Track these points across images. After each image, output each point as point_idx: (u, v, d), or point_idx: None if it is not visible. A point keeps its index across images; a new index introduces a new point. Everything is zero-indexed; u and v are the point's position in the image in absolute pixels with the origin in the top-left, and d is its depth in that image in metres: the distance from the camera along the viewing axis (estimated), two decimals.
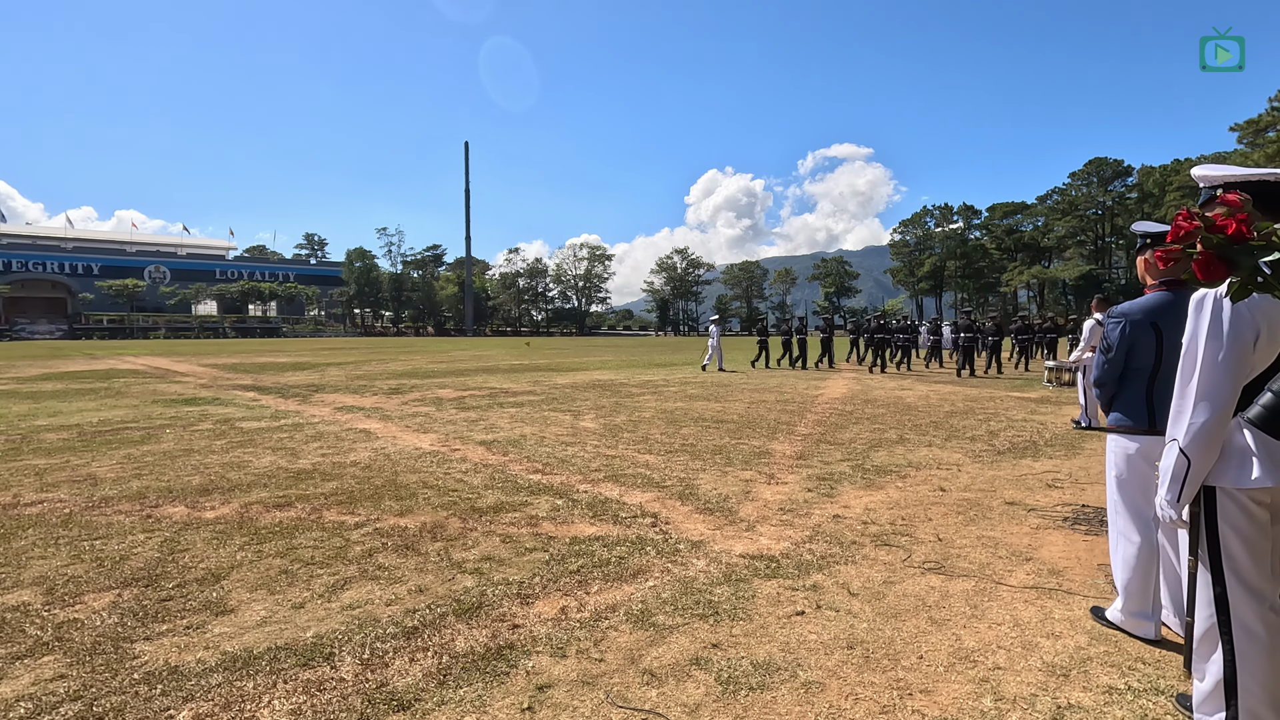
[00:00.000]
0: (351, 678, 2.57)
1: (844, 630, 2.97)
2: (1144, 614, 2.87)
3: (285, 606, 3.23)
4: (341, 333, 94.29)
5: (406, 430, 8.51)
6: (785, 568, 3.72)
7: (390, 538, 4.23)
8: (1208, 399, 1.83)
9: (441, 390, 13.64)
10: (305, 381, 15.86)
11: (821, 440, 7.74)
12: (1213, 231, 1.15)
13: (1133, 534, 2.90)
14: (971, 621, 3.06)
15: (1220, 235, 1.14)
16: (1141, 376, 2.88)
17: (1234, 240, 1.13)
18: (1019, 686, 2.51)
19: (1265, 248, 1.13)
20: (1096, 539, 4.21)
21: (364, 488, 5.52)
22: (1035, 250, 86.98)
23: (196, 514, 4.78)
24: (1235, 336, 1.81)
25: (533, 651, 2.78)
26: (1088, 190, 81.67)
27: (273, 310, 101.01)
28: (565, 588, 3.45)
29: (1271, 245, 1.12)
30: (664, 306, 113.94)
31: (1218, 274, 1.15)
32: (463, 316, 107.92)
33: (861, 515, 4.75)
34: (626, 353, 33.04)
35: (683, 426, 8.73)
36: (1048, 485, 5.66)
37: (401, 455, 6.88)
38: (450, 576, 3.60)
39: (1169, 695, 2.43)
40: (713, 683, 2.54)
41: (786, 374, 18.02)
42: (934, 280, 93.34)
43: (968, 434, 8.16)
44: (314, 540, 4.19)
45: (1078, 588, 3.46)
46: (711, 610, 3.17)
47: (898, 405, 11.02)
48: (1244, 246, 1.13)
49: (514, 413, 10.14)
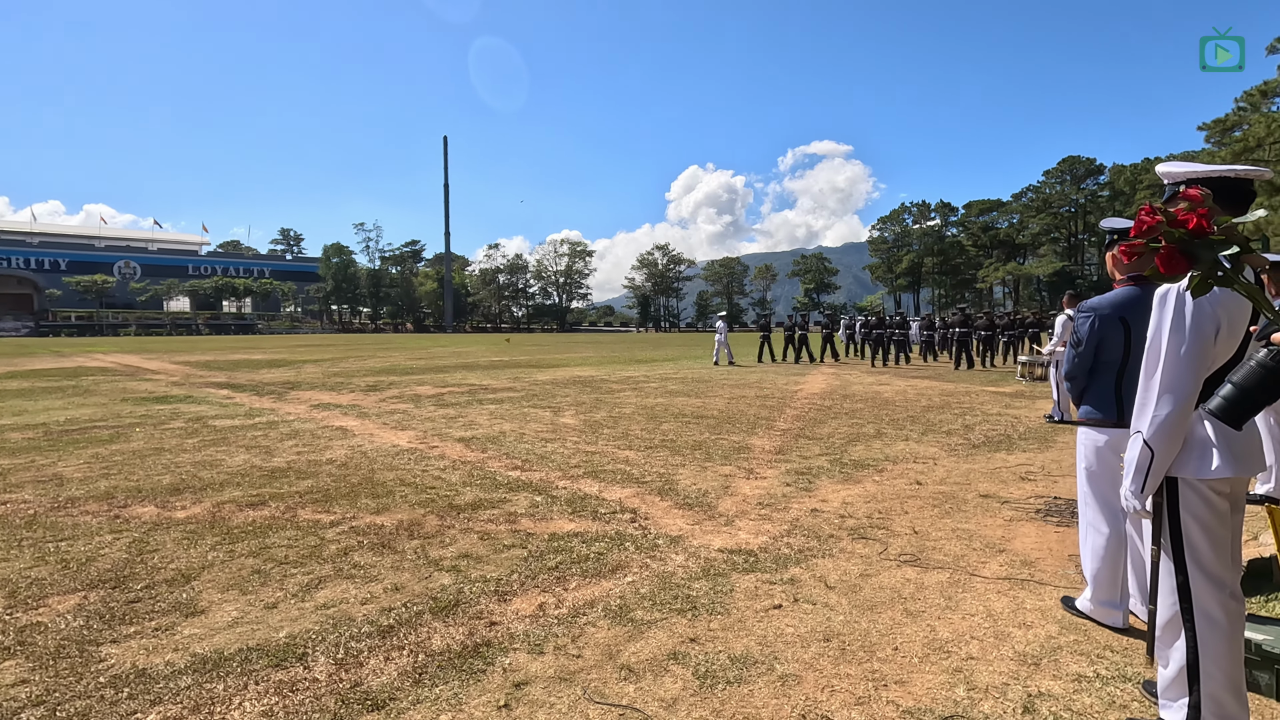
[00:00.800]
0: (325, 678, 2.54)
1: (821, 623, 2.99)
2: (1112, 603, 2.93)
3: (258, 607, 3.18)
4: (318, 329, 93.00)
5: (384, 427, 8.42)
6: (763, 562, 3.74)
7: (366, 536, 4.19)
8: (1171, 391, 1.87)
9: (420, 387, 13.52)
10: (281, 379, 15.63)
11: (800, 435, 7.79)
12: (1174, 226, 1.17)
13: (1101, 525, 2.95)
14: (946, 613, 3.10)
15: (1182, 230, 1.16)
16: (1110, 370, 2.93)
17: (1195, 235, 1.15)
18: (991, 676, 2.54)
19: (1224, 242, 1.15)
20: (1068, 530, 4.29)
21: (340, 486, 5.45)
22: (1010, 247, 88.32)
23: (167, 514, 4.69)
24: (1197, 330, 1.84)
25: (510, 649, 2.77)
26: (1061, 188, 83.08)
27: (248, 307, 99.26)
28: (543, 584, 3.44)
29: (1231, 239, 1.14)
30: (645, 303, 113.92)
31: (1179, 268, 1.17)
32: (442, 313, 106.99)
33: (839, 509, 4.79)
34: (607, 349, 32.99)
35: (663, 422, 8.74)
36: (1021, 478, 5.75)
37: (378, 453, 6.81)
38: (427, 574, 3.57)
39: (1136, 682, 2.48)
40: (690, 677, 2.55)
41: (768, 369, 18.13)
42: (912, 277, 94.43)
43: (944, 428, 8.27)
44: (288, 539, 4.13)
45: (1049, 578, 3.52)
46: (689, 605, 3.18)
47: (876, 400, 11.13)
48: (1204, 241, 1.15)
49: (493, 409, 10.08)
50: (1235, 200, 1.88)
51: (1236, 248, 1.12)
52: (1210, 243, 1.15)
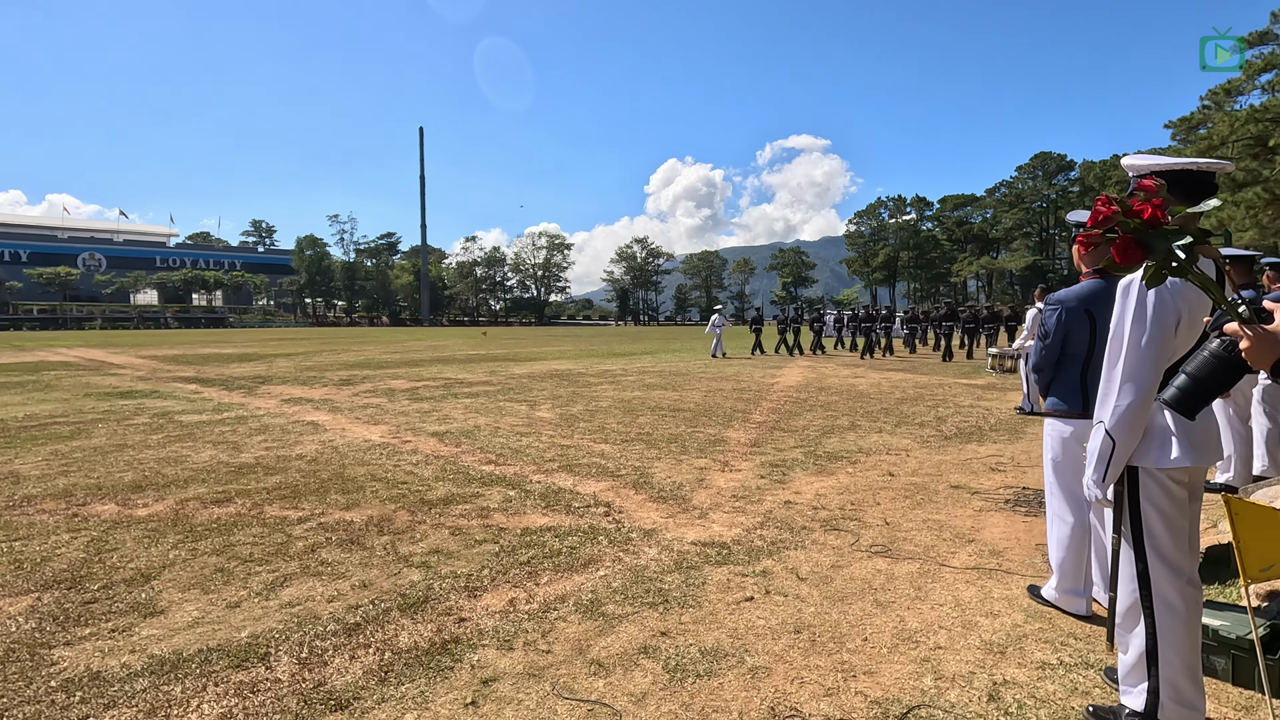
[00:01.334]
0: (288, 678, 2.48)
1: (792, 615, 3.00)
2: (1076, 591, 2.97)
3: (219, 606, 3.11)
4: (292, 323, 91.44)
5: (356, 422, 8.30)
6: (736, 554, 3.75)
7: (335, 532, 4.11)
8: (1132, 381, 1.88)
9: (394, 381, 13.35)
10: (251, 373, 15.34)
11: (776, 428, 7.83)
12: (1129, 216, 1.17)
13: (1067, 514, 3.00)
14: (915, 603, 3.13)
15: (1137, 220, 1.16)
16: (1076, 362, 2.97)
17: (1150, 225, 1.15)
18: (958, 665, 2.57)
19: (1178, 232, 1.15)
20: (1035, 520, 4.35)
21: (309, 481, 5.35)
22: (984, 241, 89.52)
23: (127, 512, 4.56)
24: (1158, 321, 1.86)
25: (479, 645, 2.73)
26: (1033, 184, 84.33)
27: (218, 300, 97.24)
28: (515, 579, 3.40)
29: (1185, 230, 1.14)
30: (624, 296, 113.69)
31: (1134, 258, 1.17)
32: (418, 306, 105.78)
33: (812, 501, 4.82)
34: (585, 342, 32.89)
35: (639, 415, 8.72)
36: (991, 469, 5.83)
37: (350, 448, 6.70)
38: (396, 571, 3.52)
39: (1098, 669, 2.52)
40: (660, 671, 2.53)
41: (745, 363, 18.20)
42: (888, 270, 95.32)
43: (917, 420, 8.36)
44: (253, 536, 4.04)
45: (1016, 567, 3.57)
46: (661, 598, 3.17)
47: (851, 393, 11.22)
48: (1159, 231, 1.15)
49: (469, 403, 9.98)
50: (1199, 193, 1.90)
51: (1190, 238, 1.12)
52: (1165, 233, 1.15)
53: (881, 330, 21.85)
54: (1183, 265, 1.14)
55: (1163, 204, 1.16)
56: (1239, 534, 1.73)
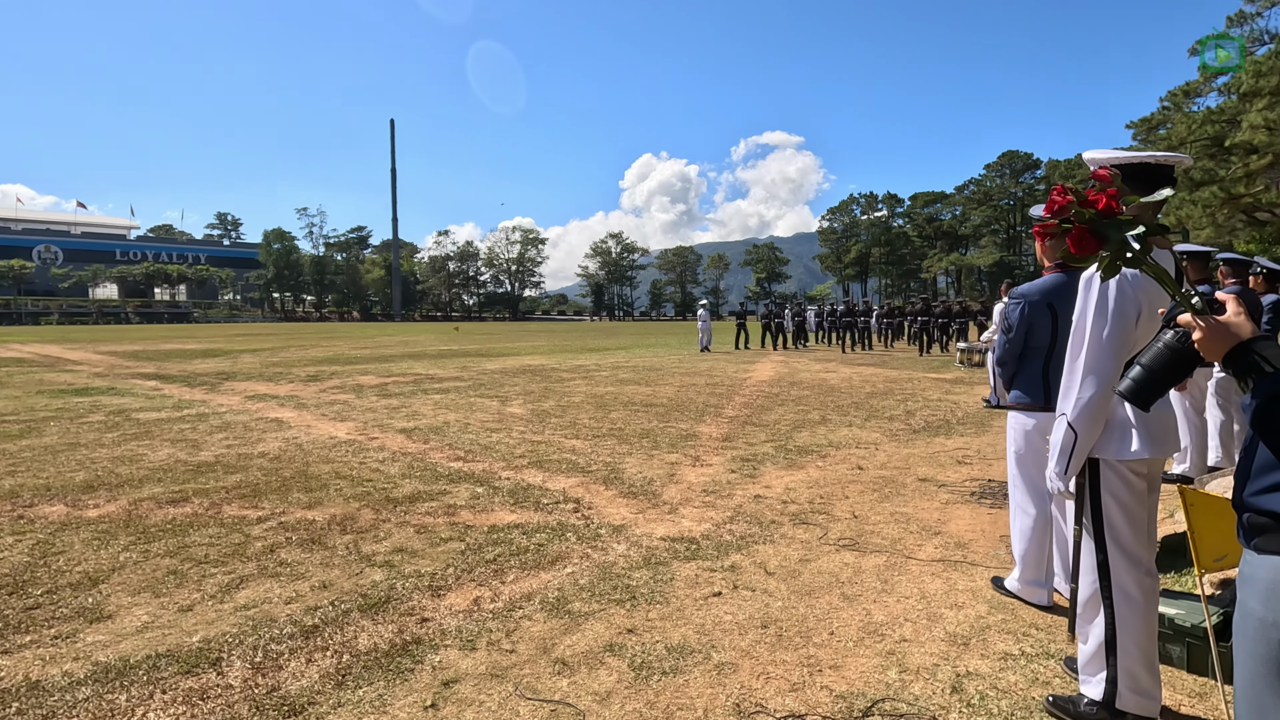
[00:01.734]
0: (240, 683, 2.40)
1: (759, 610, 2.99)
2: (1038, 582, 3.00)
3: (171, 610, 3.00)
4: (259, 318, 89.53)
5: (322, 419, 8.13)
6: (705, 549, 3.73)
7: (295, 532, 4.01)
8: (1094, 374, 1.89)
9: (363, 377, 13.12)
10: (215, 369, 14.96)
11: (748, 422, 7.84)
12: (1084, 206, 1.16)
13: (1029, 506, 3.03)
14: (881, 596, 3.14)
15: (1091, 210, 1.15)
16: (1039, 355, 2.99)
17: (1104, 215, 1.14)
18: (923, 657, 2.58)
19: (1132, 222, 1.14)
20: (1000, 512, 4.41)
21: (271, 480, 5.22)
22: (953, 238, 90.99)
23: (77, 513, 4.39)
24: (1119, 314, 1.87)
25: (441, 645, 2.67)
26: (1001, 181, 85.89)
27: (182, 294, 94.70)
28: (480, 578, 3.34)
29: (1139, 220, 1.14)
30: (599, 291, 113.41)
31: (1089, 248, 1.17)
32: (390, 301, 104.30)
33: (782, 495, 4.82)
34: (560, 338, 32.73)
35: (612, 411, 8.68)
36: (958, 461, 5.90)
37: (315, 445, 6.55)
38: (358, 570, 3.43)
39: (1058, 659, 2.54)
40: (625, 669, 2.50)
41: (719, 357, 18.25)
42: (860, 266, 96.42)
43: (886, 414, 8.44)
44: (209, 537, 3.91)
45: (981, 559, 3.60)
46: (629, 595, 3.14)
47: (822, 387, 11.30)
48: (1113, 221, 1.14)
49: (439, 399, 9.84)
50: (1158, 187, 1.91)
51: (1144, 228, 1.12)
52: (1119, 223, 1.14)
53: (862, 325, 22.39)
54: (1137, 256, 1.14)
55: (1117, 194, 1.15)
56: (1194, 525, 1.75)
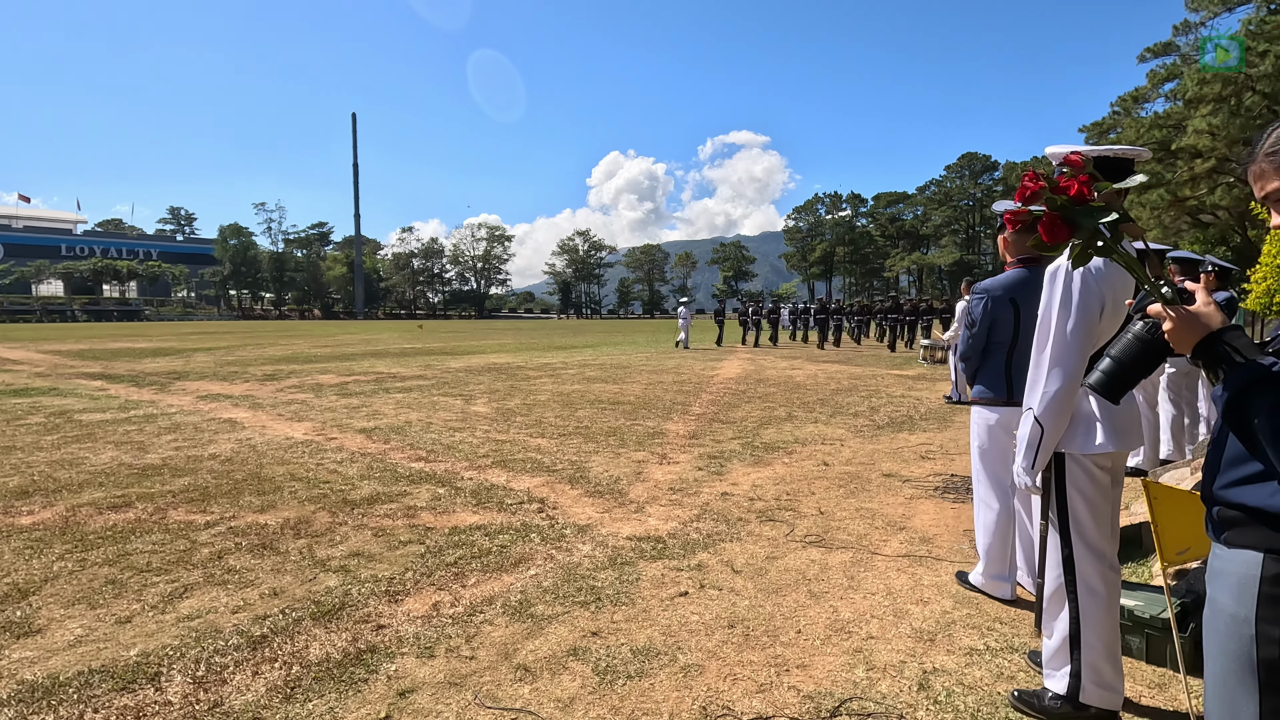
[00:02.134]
0: (180, 699, 2.26)
1: (726, 609, 2.94)
2: (1002, 576, 3.02)
3: (108, 622, 2.83)
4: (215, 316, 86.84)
5: (278, 419, 7.87)
6: (671, 548, 3.68)
7: (245, 537, 3.84)
8: (1060, 367, 1.89)
9: (323, 376, 12.78)
10: (166, 368, 14.42)
11: (714, 419, 7.83)
12: (1056, 192, 1.13)
13: (993, 500, 3.04)
14: (848, 593, 3.12)
15: (1063, 196, 1.12)
16: (1001, 350, 3.01)
17: (1076, 201, 1.12)
18: (890, 654, 2.56)
19: (1104, 209, 1.12)
20: (963, 506, 4.45)
21: (221, 483, 5.01)
22: (915, 238, 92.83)
23: (9, 520, 4.15)
24: (1084, 306, 1.87)
25: (397, 654, 2.57)
26: (961, 182, 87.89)
27: (133, 291, 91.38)
28: (440, 582, 3.24)
29: (1111, 207, 1.11)
30: (566, 289, 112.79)
31: (1061, 236, 1.14)
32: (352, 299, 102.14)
33: (749, 492, 4.80)
34: (526, 336, 32.43)
35: (578, 409, 8.59)
36: (921, 457, 5.96)
37: (269, 446, 6.33)
38: (311, 576, 3.29)
39: (1023, 653, 2.55)
40: (590, 673, 2.43)
41: (686, 355, 18.27)
42: (825, 265, 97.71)
43: (851, 410, 8.51)
44: (153, 544, 3.73)
45: (945, 554, 3.62)
46: (594, 597, 3.07)
47: (788, 384, 11.37)
48: (1085, 208, 1.12)
49: (400, 398, 9.63)
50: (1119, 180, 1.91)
51: (1116, 215, 1.09)
52: (1091, 210, 1.11)
53: (835, 322, 22.82)
54: (1108, 244, 1.11)
55: (1089, 180, 1.13)
56: (1157, 518, 1.76)
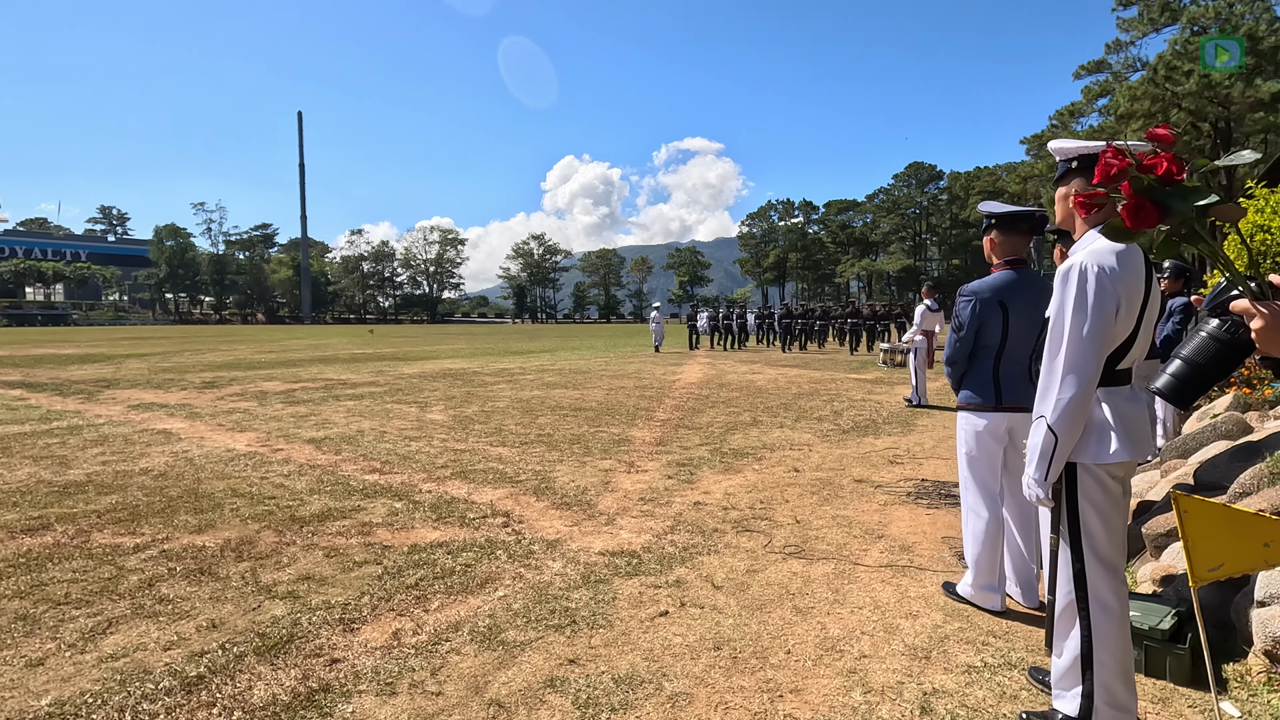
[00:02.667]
0: None
1: (710, 629, 2.78)
2: (991, 587, 2.94)
3: (16, 665, 2.49)
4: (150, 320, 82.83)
5: (218, 429, 7.39)
6: (647, 563, 3.49)
7: (180, 561, 3.50)
8: (1074, 373, 1.78)
9: (268, 383, 12.17)
10: (94, 376, 13.54)
11: (680, 425, 7.69)
12: (1143, 171, 0.99)
13: (981, 509, 2.96)
14: (834, 607, 2.99)
15: (1150, 175, 0.99)
16: (989, 354, 2.93)
17: (1165, 181, 0.98)
18: (885, 675, 2.43)
19: (1200, 190, 0.98)
20: (938, 512, 4.40)
21: (154, 500, 4.61)
22: (865, 245, 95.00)
23: None
24: (1099, 309, 1.77)
25: (354, 692, 2.31)
26: (908, 191, 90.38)
27: (59, 294, 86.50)
28: (400, 606, 2.98)
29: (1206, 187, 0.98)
30: (521, 293, 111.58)
31: (1149, 220, 1.00)
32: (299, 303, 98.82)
33: (722, 500, 4.66)
34: (481, 341, 31.81)
35: (539, 416, 8.33)
36: (890, 461, 5.93)
37: (208, 459, 5.90)
38: (255, 605, 3.00)
39: (1021, 669, 2.46)
40: (570, 707, 2.23)
41: (646, 359, 18.12)
42: (778, 271, 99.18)
43: (815, 414, 8.49)
44: (73, 572, 3.36)
45: (927, 563, 3.54)
46: (569, 619, 2.86)
47: (750, 389, 11.33)
48: (1176, 189, 0.98)
49: (351, 406, 9.20)
50: None
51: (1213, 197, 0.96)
52: (1184, 191, 0.98)
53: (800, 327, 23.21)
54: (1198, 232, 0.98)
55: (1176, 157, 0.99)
56: (1188, 533, 1.66)
